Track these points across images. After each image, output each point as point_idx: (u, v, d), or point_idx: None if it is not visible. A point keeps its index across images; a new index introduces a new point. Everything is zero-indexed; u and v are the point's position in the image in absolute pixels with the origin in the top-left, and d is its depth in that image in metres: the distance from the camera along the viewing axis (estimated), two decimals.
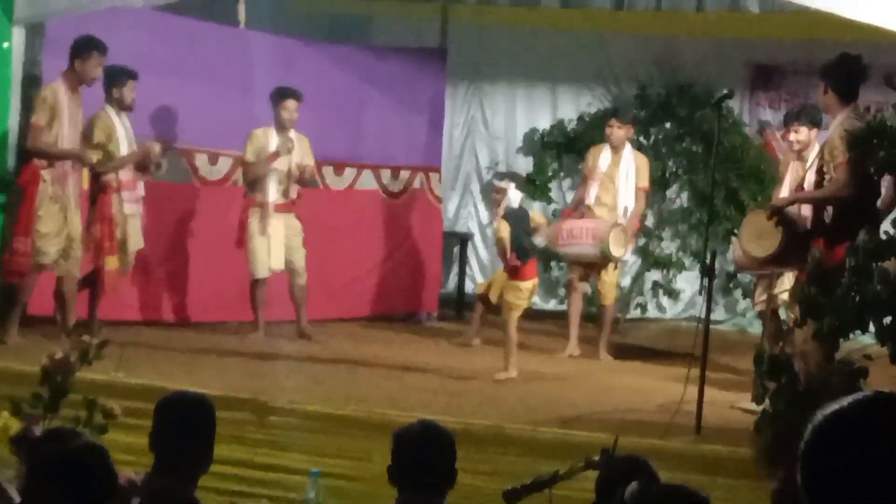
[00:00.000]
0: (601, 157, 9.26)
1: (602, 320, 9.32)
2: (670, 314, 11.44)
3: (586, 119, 11.30)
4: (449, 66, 11.06)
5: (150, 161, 8.56)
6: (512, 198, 8.26)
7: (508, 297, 8.23)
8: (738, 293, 10.80)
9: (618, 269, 9.47)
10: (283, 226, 9.10)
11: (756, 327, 9.86)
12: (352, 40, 11.42)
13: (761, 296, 7.85)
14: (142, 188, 8.60)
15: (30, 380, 5.21)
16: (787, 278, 7.67)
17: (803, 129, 7.59)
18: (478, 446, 5.95)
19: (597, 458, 3.92)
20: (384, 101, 10.53)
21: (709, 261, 6.80)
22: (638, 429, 6.46)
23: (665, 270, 11.26)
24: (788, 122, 7.85)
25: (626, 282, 11.37)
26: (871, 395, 1.76)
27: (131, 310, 9.13)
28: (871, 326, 5.77)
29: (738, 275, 10.23)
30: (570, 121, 11.44)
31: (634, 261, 11.36)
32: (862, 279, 5.75)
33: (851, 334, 5.84)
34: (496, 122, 12.06)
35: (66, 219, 8.11)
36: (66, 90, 8.03)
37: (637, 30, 11.41)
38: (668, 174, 11.12)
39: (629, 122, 9.41)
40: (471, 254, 11.82)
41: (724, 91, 7.71)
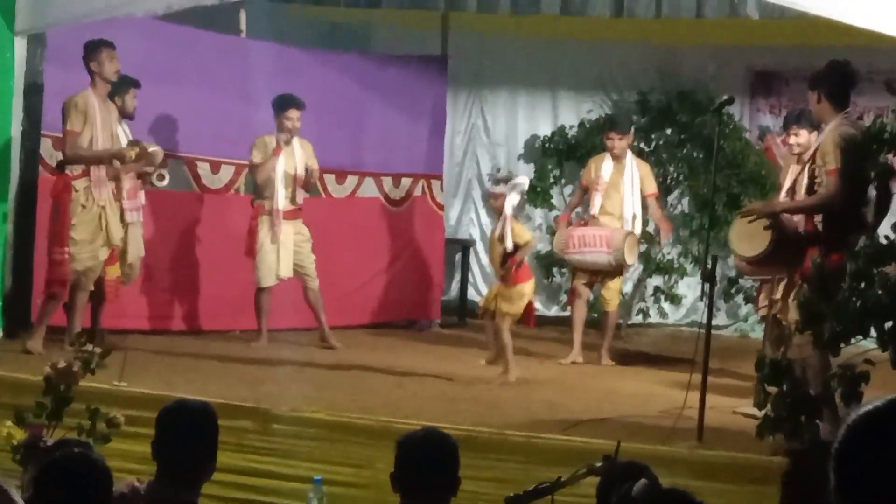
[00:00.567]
0: (603, 167, 9.26)
1: (604, 326, 9.34)
2: (672, 320, 11.46)
3: (587, 126, 11.32)
4: (450, 74, 11.09)
5: (152, 165, 8.57)
6: (510, 200, 8.20)
7: (502, 305, 8.24)
8: (739, 298, 10.80)
9: (622, 276, 9.50)
10: (293, 233, 9.13)
11: (758, 332, 9.86)
12: (353, 48, 11.44)
13: (764, 301, 7.85)
14: (142, 197, 8.63)
15: (33, 389, 5.22)
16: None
17: (803, 132, 7.59)
18: (480, 453, 5.94)
19: (599, 464, 3.92)
20: (385, 108, 10.55)
21: (710, 266, 6.80)
22: (640, 434, 6.46)
23: (666, 276, 11.27)
24: (788, 126, 7.85)
25: (627, 287, 11.38)
26: None
27: (134, 319, 9.15)
28: (873, 331, 5.78)
29: (740, 280, 10.23)
30: (571, 127, 11.47)
31: (636, 266, 11.37)
32: (863, 284, 5.76)
33: (853, 339, 5.85)
34: (497, 129, 12.08)
35: (103, 226, 8.17)
36: (95, 97, 8.13)
37: (637, 37, 11.42)
38: (669, 180, 11.14)
39: (627, 131, 9.43)
40: (473, 261, 11.83)
41: (725, 97, 7.72)
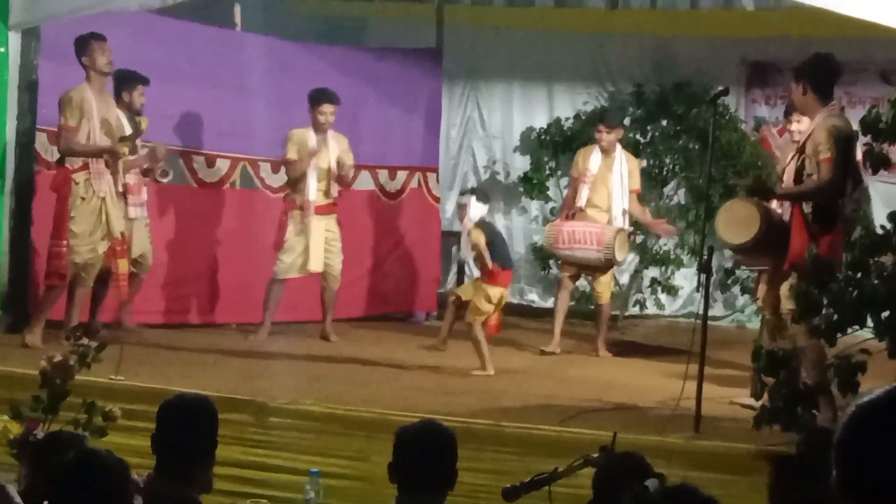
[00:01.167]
0: (591, 160, 9.27)
1: (599, 318, 9.34)
2: (669, 311, 11.46)
3: (583, 118, 11.31)
4: (445, 67, 11.08)
5: (156, 163, 8.61)
6: (473, 209, 8.26)
7: (474, 299, 8.24)
8: (736, 289, 10.81)
9: (613, 269, 9.50)
10: (324, 228, 9.13)
11: (754, 323, 9.88)
12: (348, 42, 11.43)
13: (762, 291, 7.84)
14: (146, 193, 8.64)
15: (29, 383, 5.22)
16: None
17: (804, 119, 7.56)
18: (477, 444, 5.96)
19: (595, 455, 3.94)
20: (381, 102, 10.55)
21: (706, 257, 6.79)
22: (637, 425, 6.46)
23: (663, 267, 11.27)
24: (790, 113, 7.84)
25: (624, 279, 11.40)
26: None
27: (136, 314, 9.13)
28: (869, 321, 5.79)
29: (737, 271, 10.24)
30: (566, 119, 11.46)
31: (633, 258, 11.38)
32: (859, 274, 5.77)
33: (849, 329, 5.86)
34: (493, 122, 12.08)
35: (103, 219, 8.16)
36: (92, 91, 8.13)
37: (632, 29, 11.43)
38: (665, 171, 11.14)
39: (618, 125, 9.45)
40: None
41: (720, 88, 7.71)
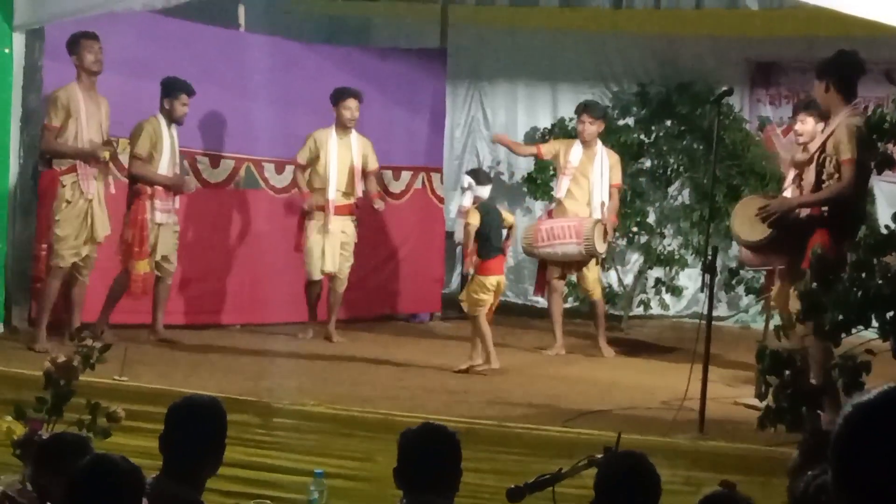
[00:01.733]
0: (572, 152, 9.27)
1: (596, 316, 9.34)
2: (673, 311, 11.45)
3: None
4: (449, 67, 11.07)
5: (181, 192, 8.76)
6: (467, 191, 8.35)
7: (471, 294, 8.27)
8: (740, 289, 10.79)
9: (598, 265, 9.47)
10: (339, 230, 9.15)
11: (759, 323, 9.86)
12: (352, 42, 11.43)
13: (776, 288, 7.79)
14: (177, 200, 8.72)
15: (33, 384, 5.22)
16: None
17: (810, 119, 7.52)
18: (481, 445, 5.95)
19: (600, 455, 3.92)
20: (385, 102, 10.54)
21: (710, 257, 6.78)
22: (641, 426, 6.46)
23: (668, 267, 11.26)
24: (797, 112, 7.80)
25: (628, 279, 11.39)
26: None
27: (136, 314, 9.12)
28: (874, 321, 5.78)
29: (741, 271, 10.22)
30: (570, 119, 11.43)
31: (637, 258, 11.38)
32: (864, 274, 5.76)
33: (854, 329, 5.85)
34: (497, 122, 12.08)
35: (88, 222, 8.15)
36: (80, 90, 8.12)
37: (636, 28, 11.42)
38: (669, 171, 11.13)
39: (601, 117, 9.46)
40: None
41: (724, 88, 7.70)
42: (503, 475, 5.61)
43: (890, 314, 5.71)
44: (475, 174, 8.73)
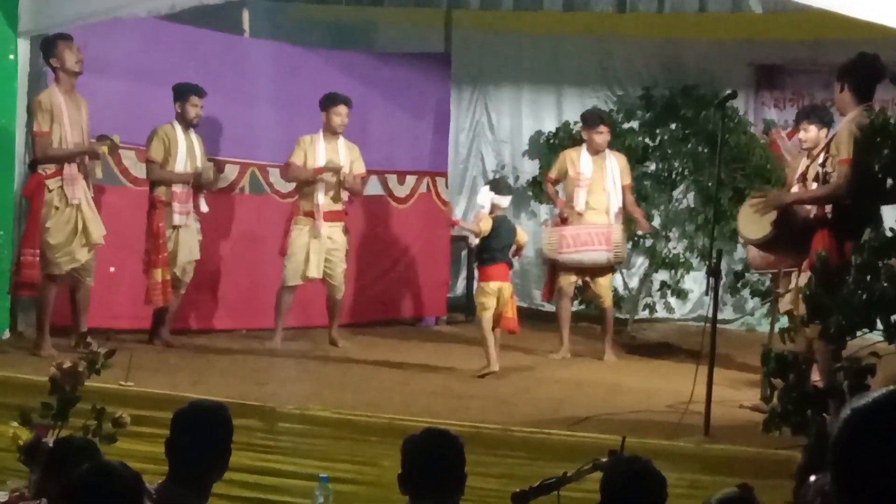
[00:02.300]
0: (581, 162, 9.26)
1: (605, 322, 9.34)
2: (678, 314, 11.44)
3: None
4: (453, 71, 11.09)
5: (202, 189, 8.78)
6: (483, 199, 8.52)
7: (476, 297, 8.44)
8: (745, 292, 10.79)
9: (612, 273, 9.51)
10: (326, 236, 9.11)
11: (764, 326, 9.85)
12: (356, 47, 11.44)
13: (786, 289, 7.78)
14: (204, 203, 8.75)
15: (39, 389, 5.23)
16: (804, 276, 7.62)
17: (812, 127, 7.57)
18: (486, 449, 5.95)
19: (604, 459, 3.93)
20: (389, 106, 10.56)
21: (715, 260, 6.78)
22: (646, 429, 6.45)
23: (673, 271, 11.25)
24: (798, 121, 7.83)
25: (633, 282, 11.39)
26: None
27: (137, 319, 9.13)
28: (879, 324, 5.77)
29: (746, 274, 10.22)
30: (575, 123, 11.43)
31: (642, 262, 11.38)
32: (869, 277, 5.75)
33: (859, 332, 5.84)
34: (502, 126, 12.09)
35: (80, 227, 8.11)
36: (60, 93, 8.08)
37: (640, 32, 11.42)
38: (674, 175, 11.14)
39: (610, 123, 9.55)
40: None
41: (728, 91, 7.70)
42: (508, 479, 5.61)
43: (894, 316, 5.70)
44: (496, 184, 8.77)
